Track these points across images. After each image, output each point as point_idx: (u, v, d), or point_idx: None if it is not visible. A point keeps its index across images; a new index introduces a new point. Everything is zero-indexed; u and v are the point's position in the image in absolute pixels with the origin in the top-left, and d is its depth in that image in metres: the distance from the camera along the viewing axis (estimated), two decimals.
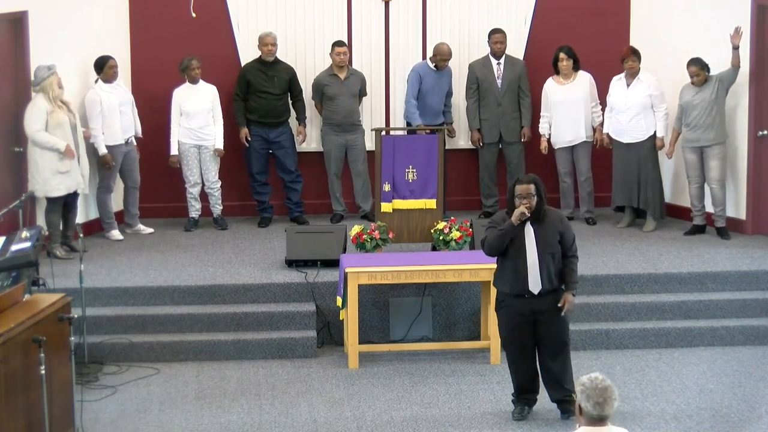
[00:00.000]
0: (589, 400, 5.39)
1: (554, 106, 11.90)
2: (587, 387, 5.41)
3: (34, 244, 8.49)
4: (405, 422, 8.42)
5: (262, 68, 11.92)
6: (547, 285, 8.17)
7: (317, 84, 12.03)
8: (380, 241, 10.34)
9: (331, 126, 12.04)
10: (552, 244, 8.17)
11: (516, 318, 8.26)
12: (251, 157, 12.04)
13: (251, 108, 11.96)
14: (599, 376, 5.46)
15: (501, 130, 12.15)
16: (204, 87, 11.83)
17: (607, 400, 5.38)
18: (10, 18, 10.63)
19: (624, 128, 11.60)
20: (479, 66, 12.14)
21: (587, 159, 12.01)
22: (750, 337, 9.92)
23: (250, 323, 9.86)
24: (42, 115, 10.54)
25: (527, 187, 8.11)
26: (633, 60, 11.50)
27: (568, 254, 8.26)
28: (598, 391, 5.38)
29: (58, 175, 10.66)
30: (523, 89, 12.14)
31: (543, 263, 8.14)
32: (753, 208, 11.45)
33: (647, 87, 11.51)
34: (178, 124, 11.76)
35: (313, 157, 12.44)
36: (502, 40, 12.04)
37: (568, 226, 8.33)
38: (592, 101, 11.93)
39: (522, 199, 8.09)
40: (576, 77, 11.89)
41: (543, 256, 8.14)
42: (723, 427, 8.29)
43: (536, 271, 8.14)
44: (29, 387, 7.26)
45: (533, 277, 8.15)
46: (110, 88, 11.35)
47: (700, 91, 11.20)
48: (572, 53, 11.84)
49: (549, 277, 8.17)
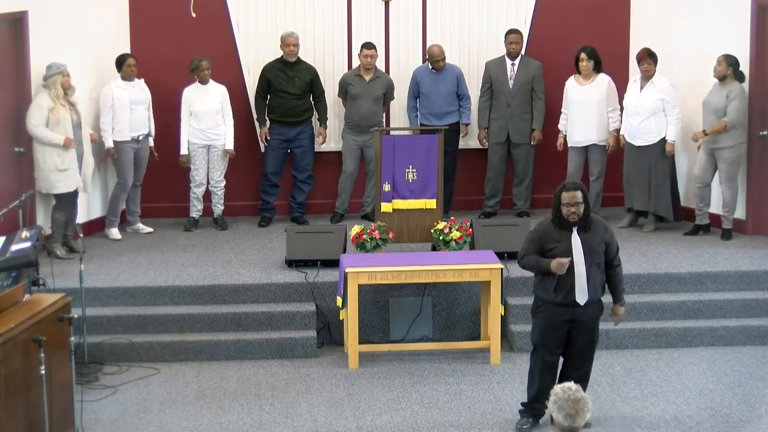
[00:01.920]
0: (561, 411, 5.32)
1: (571, 105, 11.88)
2: (560, 398, 5.34)
3: (34, 244, 8.49)
4: (405, 422, 8.42)
5: (282, 68, 11.93)
6: (592, 295, 8.03)
7: (343, 82, 12.09)
8: (380, 241, 10.34)
9: (349, 125, 12.07)
10: (598, 254, 7.99)
11: (554, 326, 8.07)
12: (269, 156, 12.05)
13: (271, 107, 11.99)
14: (573, 386, 5.38)
15: (509, 130, 12.14)
16: (214, 87, 11.83)
17: (579, 412, 5.31)
18: (10, 18, 10.63)
19: (635, 131, 11.57)
20: (494, 65, 12.14)
21: (599, 161, 11.96)
22: (750, 337, 9.92)
23: (250, 323, 9.87)
24: (42, 112, 10.57)
25: (574, 194, 7.87)
26: (648, 63, 11.45)
27: (613, 263, 8.10)
28: (570, 403, 5.32)
29: (56, 173, 10.68)
30: (536, 91, 12.11)
31: (591, 273, 7.97)
32: (753, 208, 11.44)
33: (660, 91, 11.46)
34: (188, 124, 11.78)
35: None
36: (517, 40, 12.03)
37: (613, 234, 8.13)
38: (609, 105, 11.85)
39: (570, 207, 7.87)
40: (596, 79, 11.83)
41: (591, 267, 7.96)
42: (723, 427, 8.29)
43: (584, 281, 7.95)
44: (29, 387, 7.26)
45: (580, 287, 7.96)
46: (126, 86, 11.46)
47: (714, 94, 11.14)
48: (594, 54, 11.76)
49: (595, 288, 8.02)
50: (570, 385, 5.40)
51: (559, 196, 7.93)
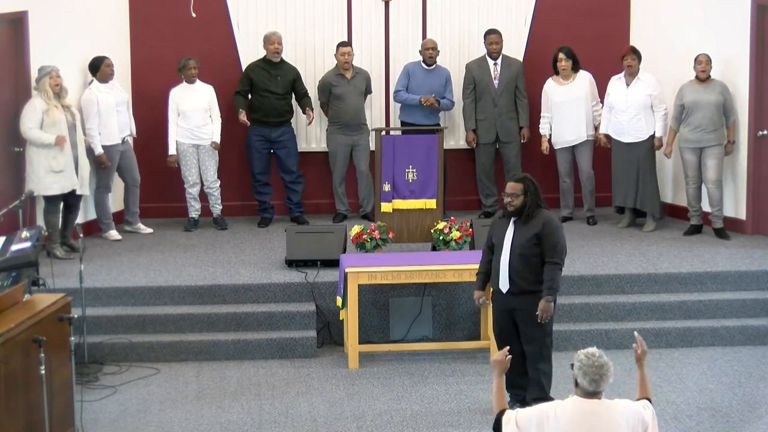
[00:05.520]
0: (585, 377, 5.61)
1: (555, 107, 11.89)
2: (584, 363, 5.62)
3: (34, 244, 8.49)
4: (405, 422, 8.42)
5: (266, 67, 11.92)
6: (517, 285, 8.19)
7: (324, 84, 12.04)
8: (380, 241, 10.34)
9: (338, 126, 12.05)
10: (524, 246, 8.15)
11: (496, 313, 8.42)
12: (253, 156, 12.04)
13: (254, 107, 11.97)
14: (596, 352, 5.66)
15: (498, 130, 12.16)
16: (201, 87, 11.83)
17: (603, 377, 5.61)
18: (10, 18, 10.63)
19: (624, 128, 11.60)
20: (475, 66, 12.14)
21: (589, 158, 12.01)
22: (750, 337, 9.92)
23: (250, 323, 9.87)
24: (36, 114, 10.55)
25: (514, 185, 8.18)
26: (632, 59, 11.49)
27: (546, 259, 8.18)
28: (594, 369, 5.61)
29: (51, 174, 10.65)
30: (519, 89, 12.14)
31: (512, 263, 8.18)
32: (753, 208, 11.45)
33: (647, 87, 11.51)
34: (175, 123, 11.77)
35: (315, 157, 12.44)
36: (497, 40, 12.05)
37: (552, 232, 8.17)
38: (593, 100, 11.93)
39: (507, 197, 8.17)
40: (576, 77, 11.89)
41: (514, 257, 8.18)
42: (723, 427, 8.29)
43: (506, 269, 8.21)
44: (29, 387, 7.26)
45: (503, 275, 8.23)
46: (106, 88, 11.36)
47: (705, 92, 11.18)
48: (571, 54, 11.83)
49: (520, 278, 8.18)
50: (593, 350, 5.69)
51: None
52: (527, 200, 8.16)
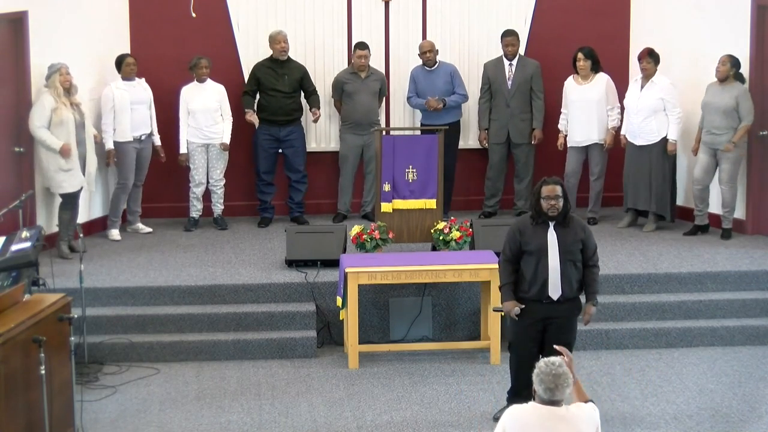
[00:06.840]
0: (541, 384, 5.67)
1: (570, 105, 11.89)
2: (542, 371, 5.68)
3: (34, 244, 8.50)
4: (405, 422, 8.42)
5: (272, 66, 11.92)
6: (567, 292, 8.04)
7: (337, 82, 12.07)
8: (380, 241, 10.34)
9: (349, 126, 12.06)
10: (573, 252, 8.02)
11: (528, 323, 8.11)
12: (259, 155, 12.04)
13: (261, 106, 11.98)
14: (556, 361, 5.69)
15: (509, 130, 12.14)
16: (211, 86, 11.84)
17: (558, 387, 5.65)
18: (10, 18, 10.64)
19: (636, 130, 11.58)
20: (491, 66, 12.15)
21: (600, 160, 11.97)
22: (750, 337, 9.93)
23: (250, 323, 9.87)
24: (45, 112, 10.58)
25: (554, 188, 7.94)
26: (648, 62, 11.45)
27: (589, 263, 8.10)
28: (551, 377, 5.65)
29: (61, 173, 10.69)
30: (534, 90, 12.12)
31: (564, 269, 8.00)
32: (753, 208, 11.45)
33: (660, 90, 11.45)
34: (186, 123, 11.79)
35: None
36: (513, 42, 12.04)
37: (590, 234, 8.15)
38: (609, 104, 11.87)
39: (550, 200, 7.92)
40: (594, 78, 11.84)
41: (565, 263, 7.99)
42: (723, 427, 8.29)
43: (557, 277, 7.99)
44: (29, 387, 7.26)
45: (553, 283, 8.00)
46: (126, 86, 11.48)
47: (718, 95, 11.13)
48: (591, 54, 11.78)
49: (569, 284, 8.03)
50: (554, 359, 5.71)
51: (539, 191, 8.02)
52: (566, 202, 8.03)
